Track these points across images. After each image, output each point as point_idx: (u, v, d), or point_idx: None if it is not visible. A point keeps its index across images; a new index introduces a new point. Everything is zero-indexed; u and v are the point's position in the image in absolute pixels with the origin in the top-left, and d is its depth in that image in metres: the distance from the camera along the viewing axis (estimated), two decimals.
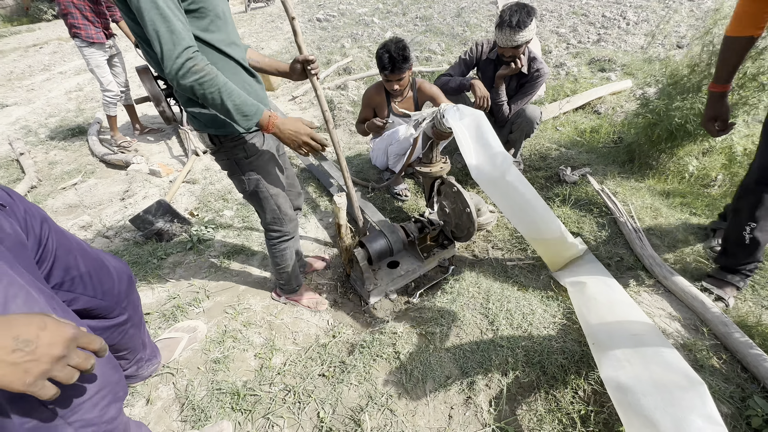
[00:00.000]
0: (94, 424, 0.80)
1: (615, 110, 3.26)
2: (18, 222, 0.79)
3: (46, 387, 0.57)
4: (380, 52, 2.14)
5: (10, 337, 0.54)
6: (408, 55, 2.13)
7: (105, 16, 3.32)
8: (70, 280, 0.94)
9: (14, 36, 14.64)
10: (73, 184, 3.21)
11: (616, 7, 6.45)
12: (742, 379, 1.25)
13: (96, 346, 0.63)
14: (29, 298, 0.68)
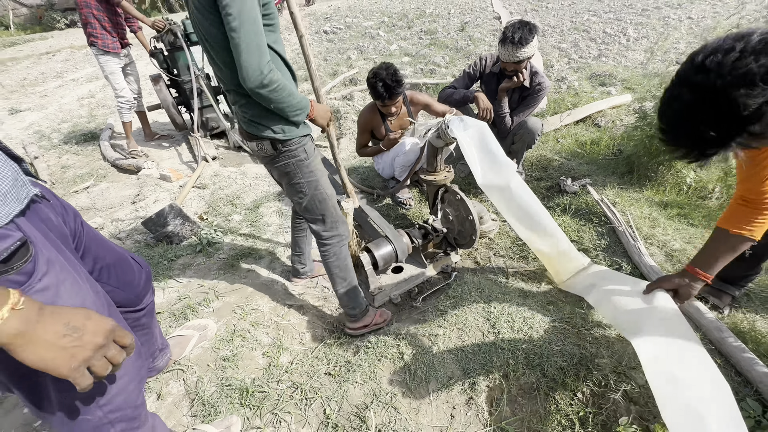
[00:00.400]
0: (122, 409, 0.85)
1: (615, 123, 3.35)
2: (58, 215, 0.86)
3: (85, 375, 0.62)
4: (374, 82, 2.20)
5: (61, 323, 0.60)
6: (400, 78, 2.21)
7: (122, 27, 3.45)
8: (98, 270, 1.00)
9: (28, 44, 14.99)
10: (86, 187, 3.30)
11: (616, 24, 6.61)
12: (735, 383, 1.29)
13: (128, 341, 0.69)
14: (75, 283, 0.74)
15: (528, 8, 8.98)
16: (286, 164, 1.40)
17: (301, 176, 1.44)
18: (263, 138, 1.33)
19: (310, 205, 1.51)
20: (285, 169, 1.43)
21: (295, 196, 1.50)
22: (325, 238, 1.60)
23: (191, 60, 3.55)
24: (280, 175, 1.48)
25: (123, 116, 3.68)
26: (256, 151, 1.40)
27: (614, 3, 8.22)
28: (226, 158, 3.72)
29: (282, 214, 2.78)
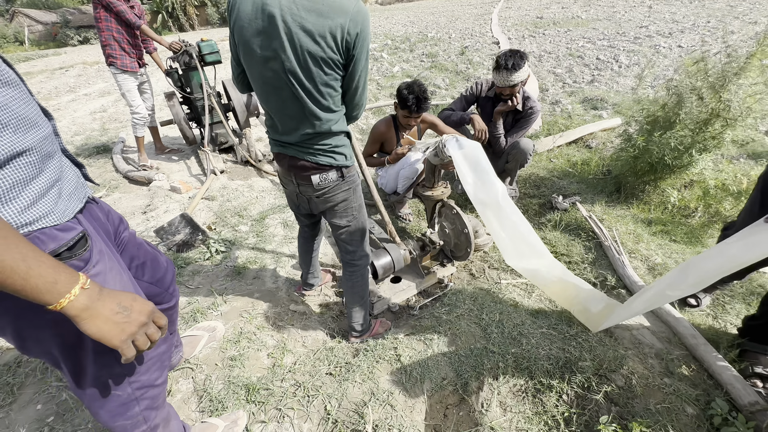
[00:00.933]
0: (147, 386, 0.96)
1: (605, 145, 3.52)
2: (104, 214, 0.99)
3: (131, 347, 0.74)
4: (405, 94, 2.34)
5: (115, 303, 0.72)
6: (428, 96, 2.40)
7: (140, 48, 3.67)
8: (134, 267, 1.13)
9: (41, 59, 15.49)
10: (99, 197, 3.44)
11: (609, 51, 6.91)
12: (707, 385, 1.38)
13: (163, 323, 0.81)
14: (118, 272, 0.87)
15: (526, 34, 9.36)
16: (347, 190, 1.45)
17: (355, 200, 1.49)
18: (333, 167, 1.37)
19: (355, 229, 1.55)
20: (344, 196, 1.46)
21: (344, 220, 1.53)
22: (357, 259, 1.66)
23: (204, 79, 3.76)
24: (334, 203, 1.47)
25: (137, 131, 3.85)
26: (317, 185, 1.39)
27: (608, 31, 8.58)
28: (233, 172, 3.87)
29: (287, 225, 2.91)
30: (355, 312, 1.79)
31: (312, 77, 1.16)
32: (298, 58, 1.12)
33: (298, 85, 1.17)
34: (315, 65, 1.13)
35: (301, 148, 1.34)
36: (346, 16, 1.07)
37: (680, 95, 2.19)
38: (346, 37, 1.10)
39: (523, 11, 13.72)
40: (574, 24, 9.93)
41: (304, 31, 1.07)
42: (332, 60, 1.13)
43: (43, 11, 27.68)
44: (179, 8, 26.50)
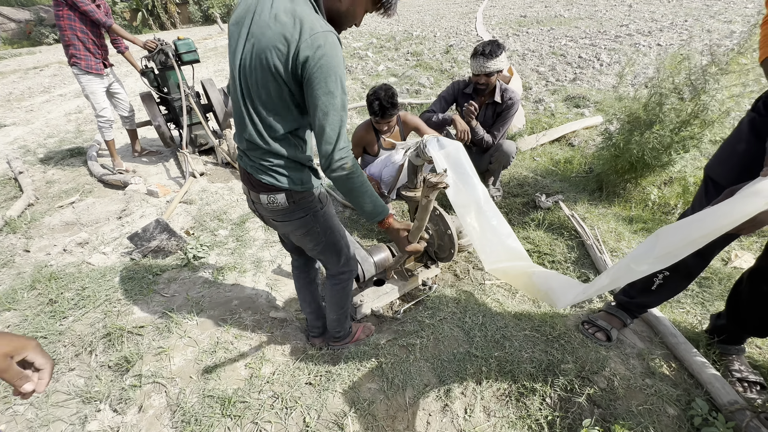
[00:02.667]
0: None
1: (587, 143, 3.54)
2: None
3: None
4: (371, 99, 2.33)
5: None
6: (396, 102, 2.35)
7: (105, 48, 3.52)
8: None
9: (14, 58, 14.93)
10: (71, 202, 3.31)
11: (591, 50, 6.99)
12: (688, 385, 1.38)
13: None
14: None
15: (510, 32, 9.42)
16: (302, 219, 1.30)
17: (317, 225, 1.34)
18: (279, 190, 1.22)
19: (325, 250, 1.45)
20: (300, 223, 1.32)
21: (310, 244, 1.41)
22: (338, 274, 1.57)
23: (182, 79, 3.65)
24: (292, 229, 1.35)
25: (105, 135, 3.70)
26: (266, 205, 1.26)
27: (590, 30, 8.69)
28: (213, 174, 3.77)
29: (268, 229, 2.84)
30: (333, 320, 1.73)
31: (265, 80, 1.06)
32: (251, 54, 1.06)
33: (257, 83, 1.08)
34: (262, 68, 1.05)
35: (248, 159, 1.23)
36: (304, 36, 0.98)
37: (661, 95, 2.20)
38: (297, 55, 0.99)
39: (507, 10, 13.82)
40: (556, 23, 10.03)
41: (265, 32, 1.02)
42: (277, 68, 1.03)
43: (16, 8, 26.67)
44: (160, 6, 25.86)
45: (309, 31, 0.98)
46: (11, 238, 2.82)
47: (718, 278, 1.89)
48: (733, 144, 1.19)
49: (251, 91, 1.11)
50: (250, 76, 1.09)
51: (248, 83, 1.10)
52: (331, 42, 1.00)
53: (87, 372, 1.72)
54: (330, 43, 0.99)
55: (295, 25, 0.99)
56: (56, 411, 1.56)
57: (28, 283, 2.23)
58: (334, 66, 1.01)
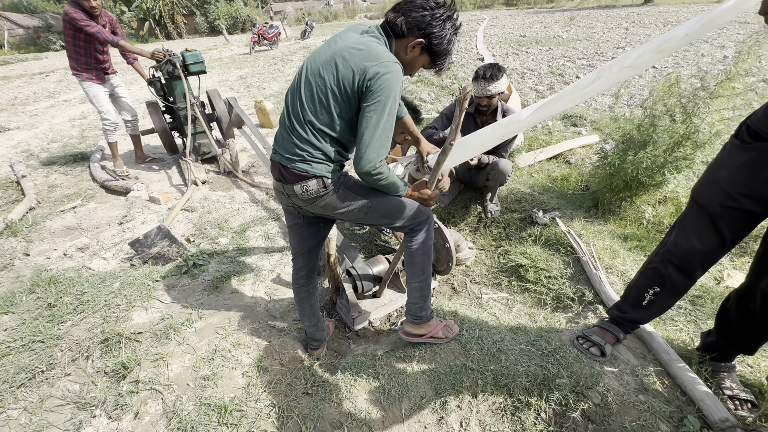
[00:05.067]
0: None
1: (583, 161, 3.61)
2: None
3: None
4: None
5: None
6: (418, 110, 2.40)
7: (106, 62, 3.61)
8: None
9: (21, 63, 15.10)
10: (73, 207, 3.33)
11: (588, 70, 7.16)
12: (681, 402, 1.40)
13: None
14: None
15: (509, 51, 9.64)
16: (337, 192, 1.41)
17: (356, 194, 1.43)
18: (311, 177, 1.34)
19: (378, 214, 1.47)
20: (338, 198, 1.41)
21: (362, 214, 1.46)
22: (415, 226, 1.54)
23: (188, 89, 3.72)
24: (335, 207, 1.43)
25: (109, 137, 3.77)
26: (300, 195, 1.37)
27: (587, 50, 8.91)
28: (215, 182, 3.81)
29: (268, 237, 2.86)
30: (414, 289, 1.63)
31: (329, 86, 1.26)
32: (330, 72, 1.25)
33: (321, 84, 1.27)
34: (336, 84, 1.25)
35: (286, 152, 1.36)
36: (376, 61, 1.19)
37: (654, 117, 2.27)
38: (366, 78, 1.20)
39: (507, 29, 14.16)
40: (555, 43, 10.28)
41: (343, 58, 1.23)
42: (346, 91, 1.24)
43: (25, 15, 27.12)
44: (167, 16, 26.33)
45: (382, 58, 1.20)
46: (11, 242, 2.83)
47: (710, 297, 1.92)
48: (715, 169, 1.23)
49: (314, 98, 1.29)
50: (316, 86, 1.28)
51: (313, 91, 1.29)
52: (396, 71, 1.21)
53: (83, 378, 1.71)
54: (395, 71, 1.21)
55: (370, 53, 1.21)
56: (50, 416, 1.56)
57: (27, 286, 2.23)
58: (390, 87, 1.20)
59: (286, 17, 27.61)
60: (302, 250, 1.68)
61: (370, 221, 1.53)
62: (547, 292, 2.14)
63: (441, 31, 1.27)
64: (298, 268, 1.73)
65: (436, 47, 1.29)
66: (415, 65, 1.36)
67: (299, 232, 1.64)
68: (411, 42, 1.28)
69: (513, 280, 2.34)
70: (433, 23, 1.25)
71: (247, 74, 9.82)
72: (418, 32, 1.27)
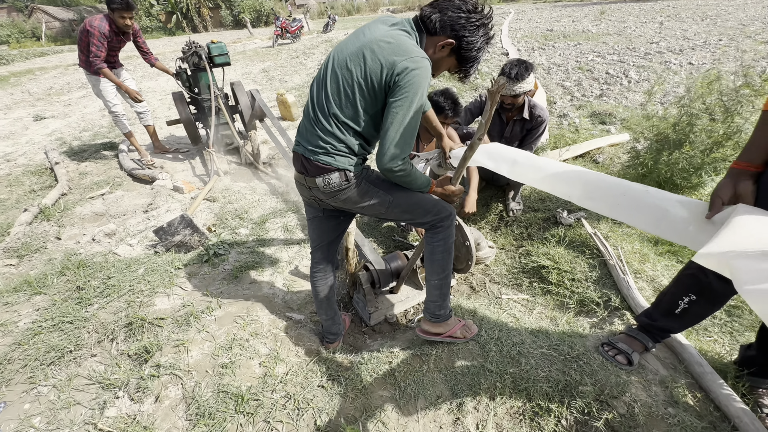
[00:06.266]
0: None
1: (612, 161, 3.47)
2: None
3: None
4: (441, 100, 2.26)
5: None
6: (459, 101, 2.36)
7: (115, 59, 3.72)
8: None
9: (57, 55, 15.74)
10: (101, 194, 3.44)
11: (619, 66, 6.87)
12: (714, 417, 1.32)
13: None
14: None
15: (535, 46, 9.36)
16: (359, 186, 1.39)
17: (378, 188, 1.42)
18: (333, 170, 1.33)
19: (402, 207, 1.45)
20: (359, 192, 1.39)
21: (383, 208, 1.45)
22: (438, 222, 1.51)
23: (212, 80, 3.77)
24: (357, 201, 1.41)
25: (121, 128, 3.90)
26: (322, 188, 1.36)
27: (618, 45, 8.55)
28: (237, 174, 3.87)
29: (287, 229, 2.88)
30: (433, 287, 1.60)
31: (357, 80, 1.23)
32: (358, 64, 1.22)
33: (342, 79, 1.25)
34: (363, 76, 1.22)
35: (310, 144, 1.35)
36: (406, 55, 1.16)
37: (692, 115, 2.15)
38: (395, 72, 1.17)
39: (533, 23, 13.76)
40: (584, 38, 9.92)
41: (371, 51, 1.20)
42: (373, 85, 1.22)
43: (61, 8, 28.24)
44: (194, 9, 26.88)
45: (412, 52, 1.17)
46: (45, 225, 2.95)
47: (748, 308, 1.81)
48: None
49: (339, 91, 1.27)
50: (342, 78, 1.25)
51: (339, 83, 1.26)
52: (426, 66, 1.18)
53: (108, 359, 1.77)
54: (424, 67, 1.18)
55: (400, 46, 1.18)
56: (77, 395, 1.61)
57: (58, 269, 2.32)
58: (418, 83, 1.17)
59: (309, 10, 27.68)
60: (321, 243, 1.68)
61: (391, 216, 1.51)
62: (571, 295, 2.06)
63: (472, 36, 1.24)
64: (316, 261, 1.73)
65: (465, 52, 1.26)
66: (441, 66, 1.33)
67: (319, 225, 1.63)
68: (441, 41, 1.25)
69: (534, 282, 2.28)
70: (467, 26, 1.23)
71: (270, 67, 9.91)
72: (451, 32, 1.24)
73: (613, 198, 1.29)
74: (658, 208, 1.20)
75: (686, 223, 1.14)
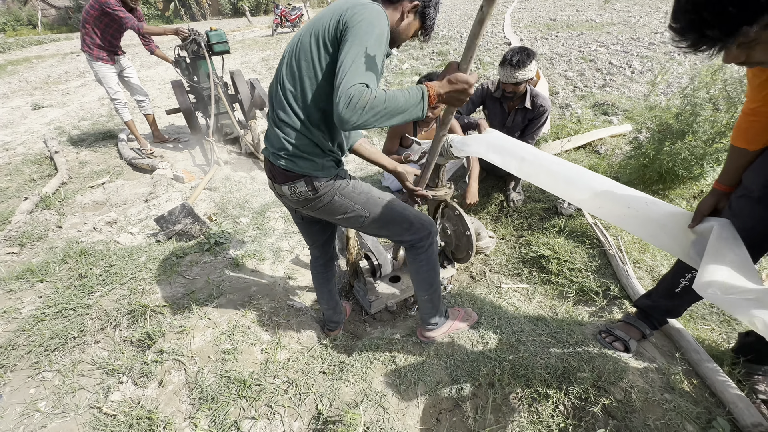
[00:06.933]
0: None
1: (614, 151, 3.45)
2: None
3: None
4: (424, 81, 2.31)
5: None
6: None
7: (117, 44, 3.68)
8: None
9: (54, 43, 15.55)
10: (101, 183, 3.44)
11: (622, 56, 6.79)
12: (709, 403, 1.34)
13: None
14: None
15: (538, 36, 9.24)
16: (330, 202, 1.30)
17: (352, 202, 1.33)
18: (299, 176, 1.24)
19: (377, 225, 1.39)
20: (332, 208, 1.31)
21: (357, 224, 1.39)
22: (417, 242, 1.45)
23: (212, 69, 3.74)
24: (329, 215, 1.35)
25: (122, 116, 3.88)
26: (289, 196, 1.30)
27: (622, 35, 8.45)
28: (237, 163, 3.86)
29: (288, 219, 2.89)
30: (425, 302, 1.60)
31: (311, 54, 1.16)
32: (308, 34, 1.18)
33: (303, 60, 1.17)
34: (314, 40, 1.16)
35: (273, 148, 1.27)
36: (353, 2, 1.13)
37: (695, 105, 2.13)
38: (342, 17, 1.11)
39: (536, 12, 13.56)
40: (587, 27, 9.79)
41: (320, 18, 1.16)
42: (325, 43, 1.14)
43: None
44: None
45: (361, 1, 1.13)
46: (45, 214, 2.95)
47: None
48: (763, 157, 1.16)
49: (292, 69, 1.21)
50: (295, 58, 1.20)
51: (292, 65, 1.21)
52: (375, 7, 1.11)
53: (111, 345, 1.79)
54: (375, 8, 1.11)
55: (349, 1, 1.13)
56: (81, 380, 1.64)
57: (60, 257, 2.33)
58: (369, 19, 1.08)
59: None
60: (315, 244, 1.68)
61: (368, 231, 1.45)
62: (570, 284, 2.08)
63: None
64: (315, 257, 1.74)
65: (427, 9, 1.27)
66: (409, 31, 1.31)
67: (306, 229, 1.62)
68: (407, 6, 1.25)
69: (534, 271, 2.29)
70: None
71: (269, 56, 9.81)
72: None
73: (619, 209, 1.34)
74: (656, 222, 1.29)
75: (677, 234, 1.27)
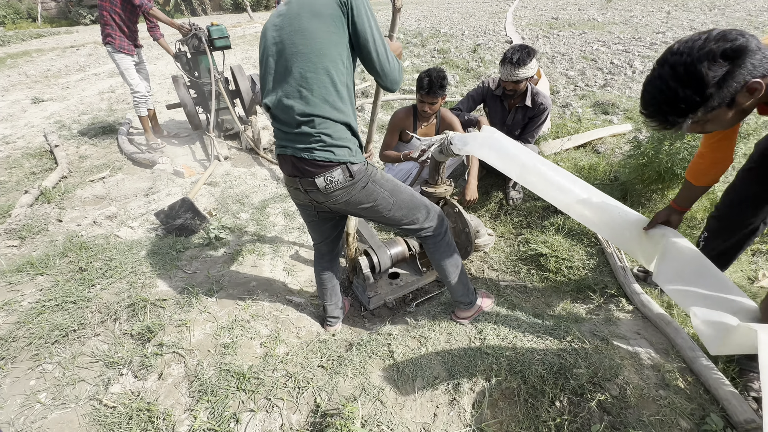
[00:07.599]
0: None
1: (614, 151, 3.46)
2: None
3: None
4: (422, 75, 2.30)
5: None
6: (444, 84, 2.31)
7: (136, 31, 3.69)
8: None
9: (53, 36, 15.49)
10: (102, 177, 3.44)
11: (624, 56, 6.79)
12: (703, 400, 1.36)
13: None
14: None
15: (540, 34, 9.23)
16: (365, 188, 1.34)
17: (382, 189, 1.39)
18: (336, 165, 1.26)
19: (404, 211, 1.45)
20: (364, 192, 1.34)
21: (385, 212, 1.43)
22: (436, 228, 1.54)
23: (213, 64, 3.73)
24: (359, 203, 1.37)
25: (140, 110, 3.86)
26: (323, 188, 1.28)
27: (624, 35, 8.43)
28: (237, 159, 3.86)
29: (288, 215, 2.90)
30: (456, 285, 1.67)
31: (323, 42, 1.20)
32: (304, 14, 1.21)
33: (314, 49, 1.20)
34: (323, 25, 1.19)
35: (299, 144, 1.28)
36: None
37: None
38: None
39: (538, 11, 13.53)
40: (589, 26, 9.77)
41: None
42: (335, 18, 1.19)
43: None
44: None
45: None
46: (46, 208, 2.96)
47: None
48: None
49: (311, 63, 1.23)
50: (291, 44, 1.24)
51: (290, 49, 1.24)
52: None
53: (111, 338, 1.80)
54: None
55: None
56: (81, 372, 1.65)
57: (60, 250, 2.34)
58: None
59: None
60: (325, 240, 1.70)
61: (391, 220, 1.48)
62: (568, 282, 2.09)
63: None
64: (322, 254, 1.75)
65: None
66: None
67: (317, 227, 1.63)
68: None
69: (532, 269, 2.30)
70: None
71: None
72: None
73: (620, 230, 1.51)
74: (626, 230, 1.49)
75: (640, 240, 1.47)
